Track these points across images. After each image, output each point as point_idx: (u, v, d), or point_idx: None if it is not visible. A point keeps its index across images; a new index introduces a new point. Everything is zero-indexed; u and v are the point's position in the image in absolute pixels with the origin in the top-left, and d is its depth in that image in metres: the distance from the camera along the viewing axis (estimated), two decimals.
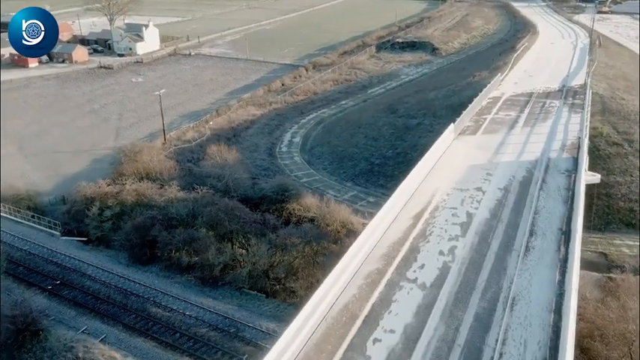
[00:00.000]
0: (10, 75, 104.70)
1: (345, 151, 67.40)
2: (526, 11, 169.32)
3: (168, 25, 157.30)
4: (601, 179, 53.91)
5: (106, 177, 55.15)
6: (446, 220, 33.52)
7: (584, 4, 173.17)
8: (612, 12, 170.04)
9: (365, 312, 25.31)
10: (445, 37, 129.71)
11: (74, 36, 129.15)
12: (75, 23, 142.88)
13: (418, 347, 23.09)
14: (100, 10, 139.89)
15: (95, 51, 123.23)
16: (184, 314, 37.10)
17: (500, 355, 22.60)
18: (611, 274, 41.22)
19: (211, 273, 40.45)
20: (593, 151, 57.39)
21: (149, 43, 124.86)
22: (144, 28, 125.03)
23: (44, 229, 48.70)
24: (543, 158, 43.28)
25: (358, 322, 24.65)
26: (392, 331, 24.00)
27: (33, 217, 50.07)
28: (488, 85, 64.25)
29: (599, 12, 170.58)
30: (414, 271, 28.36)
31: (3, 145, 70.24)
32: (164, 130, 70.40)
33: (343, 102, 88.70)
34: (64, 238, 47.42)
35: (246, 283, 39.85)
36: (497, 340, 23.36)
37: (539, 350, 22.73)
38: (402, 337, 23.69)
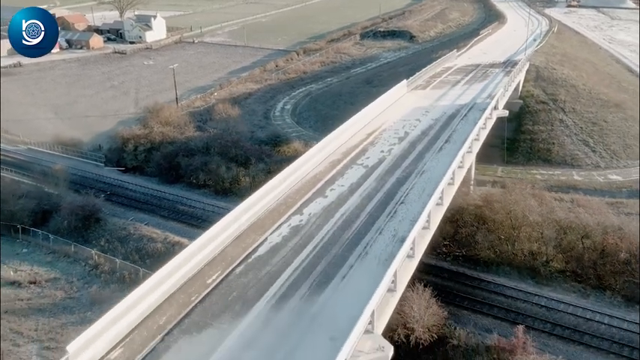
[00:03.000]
0: (34, 59, 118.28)
1: (327, 114, 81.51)
2: (501, 5, 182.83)
3: (172, 18, 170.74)
4: (527, 128, 68.89)
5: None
6: (389, 136, 47.70)
7: None
8: (580, 5, 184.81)
9: (326, 178, 39.40)
10: (423, 27, 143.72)
11: (89, 26, 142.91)
12: (87, 16, 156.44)
13: (357, 192, 37.18)
14: (111, 4, 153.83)
15: (108, 39, 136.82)
16: (204, 210, 51.25)
17: (407, 194, 36.79)
18: None
19: (222, 186, 54.57)
20: (524, 108, 71.79)
21: (157, 32, 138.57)
22: (152, 19, 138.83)
23: (90, 162, 62.78)
24: (471, 103, 57.44)
25: (322, 182, 38.73)
26: (342, 186, 38.10)
27: (80, 155, 64.11)
28: (444, 56, 78.53)
29: (569, 5, 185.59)
30: (362, 160, 42.49)
31: (42, 112, 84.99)
32: (177, 98, 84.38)
33: (329, 79, 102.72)
34: (106, 168, 61.49)
35: (248, 192, 53.78)
36: (407, 189, 37.51)
37: (432, 192, 36.76)
38: (348, 188, 37.79)
